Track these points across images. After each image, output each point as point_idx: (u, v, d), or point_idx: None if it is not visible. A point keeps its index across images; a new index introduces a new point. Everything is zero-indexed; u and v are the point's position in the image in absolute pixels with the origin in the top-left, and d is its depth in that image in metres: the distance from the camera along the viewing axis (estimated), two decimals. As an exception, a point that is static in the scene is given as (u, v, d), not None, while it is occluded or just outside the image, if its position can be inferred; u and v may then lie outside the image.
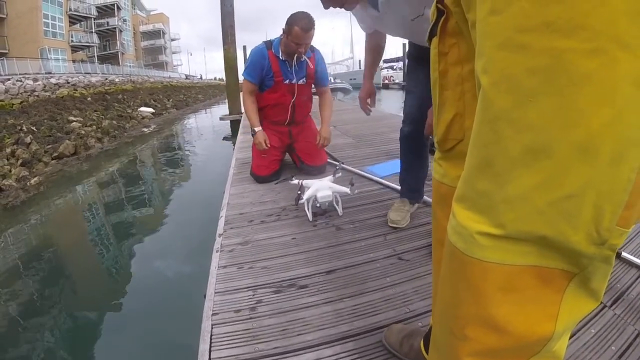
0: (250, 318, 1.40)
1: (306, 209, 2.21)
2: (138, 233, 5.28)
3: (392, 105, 12.30)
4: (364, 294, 1.48)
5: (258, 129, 2.91)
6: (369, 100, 2.19)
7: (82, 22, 35.60)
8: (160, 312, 3.03)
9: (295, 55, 2.78)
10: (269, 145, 2.91)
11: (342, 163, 3.07)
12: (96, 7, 37.06)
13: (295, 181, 2.37)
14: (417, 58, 1.94)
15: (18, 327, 3.23)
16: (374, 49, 2.07)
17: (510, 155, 0.42)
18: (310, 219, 2.14)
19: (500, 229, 0.44)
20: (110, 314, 3.18)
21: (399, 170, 2.86)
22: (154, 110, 20.09)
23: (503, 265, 0.45)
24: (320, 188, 2.19)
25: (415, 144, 2.05)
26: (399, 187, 2.50)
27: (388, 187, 2.62)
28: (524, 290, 0.46)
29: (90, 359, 2.66)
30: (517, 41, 0.40)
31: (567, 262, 0.44)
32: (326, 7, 1.45)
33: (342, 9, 1.55)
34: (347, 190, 2.14)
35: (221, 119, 11.16)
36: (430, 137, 2.84)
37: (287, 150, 3.22)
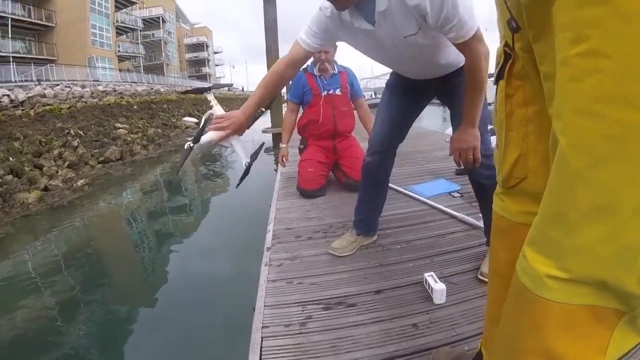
0: (300, 333, 1.45)
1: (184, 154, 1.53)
2: (180, 240, 5.42)
3: (433, 122, 12.14)
4: (411, 316, 1.50)
5: (284, 145, 3.28)
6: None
7: (128, 34, 37.30)
8: (205, 322, 3.09)
9: (324, 67, 3.12)
10: (285, 163, 3.27)
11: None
12: (142, 19, 38.80)
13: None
14: (394, 90, 1.92)
15: (58, 320, 3.41)
16: (281, 78, 1.61)
17: (580, 210, 0.47)
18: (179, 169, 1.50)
19: (566, 273, 0.49)
20: (153, 320, 3.28)
21: (445, 191, 2.88)
22: (197, 120, 20.71)
23: (565, 305, 0.50)
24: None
25: (375, 176, 2.03)
26: (445, 208, 2.51)
27: (434, 207, 2.62)
28: (580, 326, 0.50)
29: None
30: (594, 110, 0.44)
31: (619, 302, 0.48)
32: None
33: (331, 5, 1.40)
34: (244, 159, 1.57)
35: (263, 131, 11.37)
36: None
37: (333, 167, 3.31)
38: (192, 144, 1.42)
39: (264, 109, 1.71)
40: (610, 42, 0.42)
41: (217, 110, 1.54)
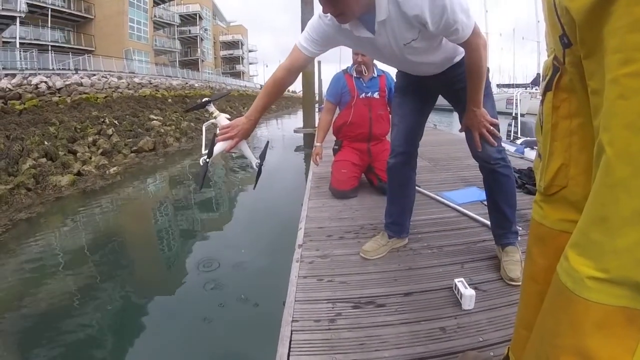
0: (329, 329, 1.48)
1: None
2: (208, 232, 5.50)
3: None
4: (439, 319, 1.51)
5: (318, 144, 3.32)
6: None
7: (165, 29, 38.30)
8: (233, 314, 3.15)
9: (360, 69, 3.16)
10: (319, 162, 3.29)
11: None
12: (179, 15, 39.71)
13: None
14: (404, 91, 1.97)
15: (81, 302, 3.50)
16: (281, 84, 1.64)
17: (622, 215, 0.51)
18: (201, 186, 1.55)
19: (605, 273, 0.53)
20: (178, 308, 3.33)
21: (477, 199, 2.87)
22: (229, 117, 20.92)
23: (602, 305, 0.53)
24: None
25: (400, 177, 2.07)
26: (476, 216, 2.50)
27: (465, 215, 2.61)
28: (613, 327, 0.53)
29: (158, 350, 2.80)
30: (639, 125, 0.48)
31: None
32: (324, 11, 1.39)
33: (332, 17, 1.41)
34: (254, 161, 1.61)
35: (295, 131, 11.47)
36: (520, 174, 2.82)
37: (366, 170, 3.33)
38: (207, 159, 1.46)
39: None
40: None
41: (221, 120, 1.58)
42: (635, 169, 0.49)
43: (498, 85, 35.89)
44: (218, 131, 1.55)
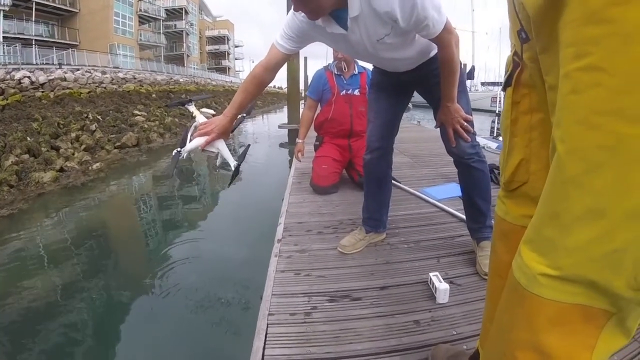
0: (305, 322, 1.50)
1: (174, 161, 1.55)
2: (190, 228, 5.45)
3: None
4: (414, 313, 1.54)
5: (300, 140, 3.38)
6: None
7: (151, 23, 37.58)
8: (210, 308, 3.13)
9: (340, 65, 3.20)
10: (301, 158, 3.34)
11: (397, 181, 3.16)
12: (165, 9, 39.03)
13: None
14: (379, 87, 2.00)
15: (64, 300, 3.44)
16: (260, 82, 1.65)
17: (574, 212, 0.50)
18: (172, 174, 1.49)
19: (557, 270, 0.52)
20: (158, 303, 3.29)
21: (455, 194, 2.90)
22: (214, 112, 20.78)
23: (556, 302, 0.53)
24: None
25: (377, 172, 2.10)
26: (455, 211, 2.53)
27: (444, 210, 2.64)
28: (569, 324, 0.53)
29: (138, 345, 2.78)
30: (591, 121, 0.48)
31: (608, 303, 0.51)
32: (296, 9, 1.40)
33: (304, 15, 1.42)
34: (232, 161, 1.56)
35: (279, 127, 11.43)
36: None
37: (347, 166, 3.34)
38: (179, 149, 1.47)
39: (245, 114, 1.74)
40: (610, 59, 0.45)
41: (200, 118, 1.60)
42: (587, 166, 0.48)
43: (483, 84, 36.13)
44: (194, 128, 1.56)
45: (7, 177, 6.96)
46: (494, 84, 32.77)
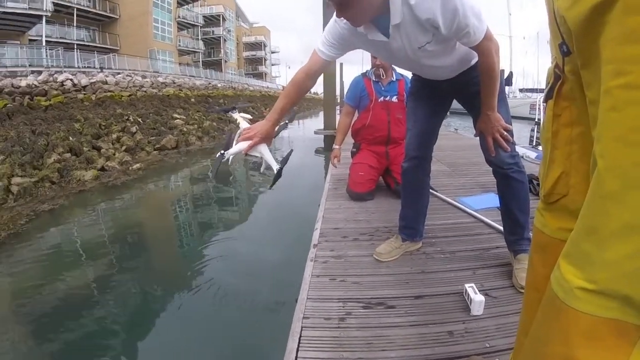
0: (339, 327, 1.52)
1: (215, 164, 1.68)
2: (225, 229, 5.57)
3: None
4: (447, 323, 1.53)
5: (337, 146, 3.29)
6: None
7: (189, 29, 38.76)
8: (245, 309, 3.18)
9: (378, 72, 3.21)
10: (337, 164, 3.26)
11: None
12: (203, 16, 40.15)
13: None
14: (418, 95, 1.99)
15: (99, 294, 3.58)
16: (301, 87, 1.67)
17: (611, 227, 0.51)
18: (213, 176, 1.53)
19: (593, 284, 0.53)
20: (192, 301, 3.37)
21: (493, 205, 2.86)
22: (251, 117, 21.10)
23: (591, 316, 0.54)
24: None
25: (414, 181, 2.09)
26: (492, 222, 2.50)
27: (481, 220, 2.60)
28: (603, 339, 0.53)
29: (171, 340, 2.86)
30: (629, 138, 0.48)
31: None
32: (338, 15, 1.39)
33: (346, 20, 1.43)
34: (275, 165, 1.59)
35: (315, 132, 11.50)
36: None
37: (383, 173, 3.36)
38: (223, 151, 1.53)
39: (288, 121, 1.79)
40: None
41: (243, 124, 1.66)
42: (624, 183, 0.49)
43: (521, 90, 34.98)
44: (238, 134, 1.61)
45: (49, 174, 7.35)
46: (532, 90, 31.49)
